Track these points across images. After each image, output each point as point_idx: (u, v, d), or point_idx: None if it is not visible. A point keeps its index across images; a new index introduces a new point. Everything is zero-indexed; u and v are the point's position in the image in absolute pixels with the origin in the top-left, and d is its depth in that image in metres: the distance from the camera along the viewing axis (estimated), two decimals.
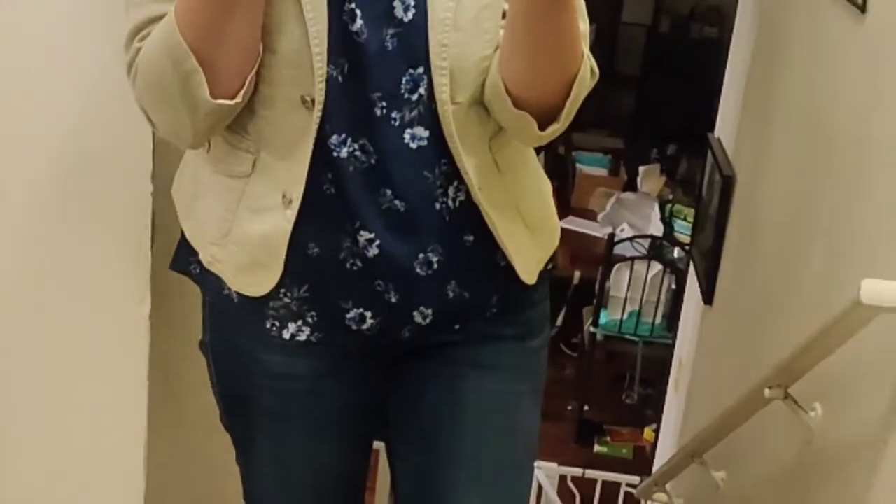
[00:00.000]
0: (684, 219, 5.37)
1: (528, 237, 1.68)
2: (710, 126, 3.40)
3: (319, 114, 1.50)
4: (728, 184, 2.93)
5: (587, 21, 1.55)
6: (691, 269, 3.55)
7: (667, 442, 3.73)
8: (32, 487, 2.07)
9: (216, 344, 1.74)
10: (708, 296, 3.10)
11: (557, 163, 6.04)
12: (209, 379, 1.78)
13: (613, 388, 5.46)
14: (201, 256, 1.67)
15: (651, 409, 5.04)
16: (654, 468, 3.74)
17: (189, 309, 2.06)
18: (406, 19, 1.49)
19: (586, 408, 5.23)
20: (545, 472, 3.97)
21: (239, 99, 1.45)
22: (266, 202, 1.56)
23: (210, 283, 1.68)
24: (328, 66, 1.49)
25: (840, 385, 1.75)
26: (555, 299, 5.76)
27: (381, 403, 1.78)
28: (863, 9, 1.91)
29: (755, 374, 1.95)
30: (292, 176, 1.53)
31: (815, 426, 1.79)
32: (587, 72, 1.50)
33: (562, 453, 4.57)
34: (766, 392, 1.82)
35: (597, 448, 5.14)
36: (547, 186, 1.79)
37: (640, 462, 4.77)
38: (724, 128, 3.19)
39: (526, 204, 1.67)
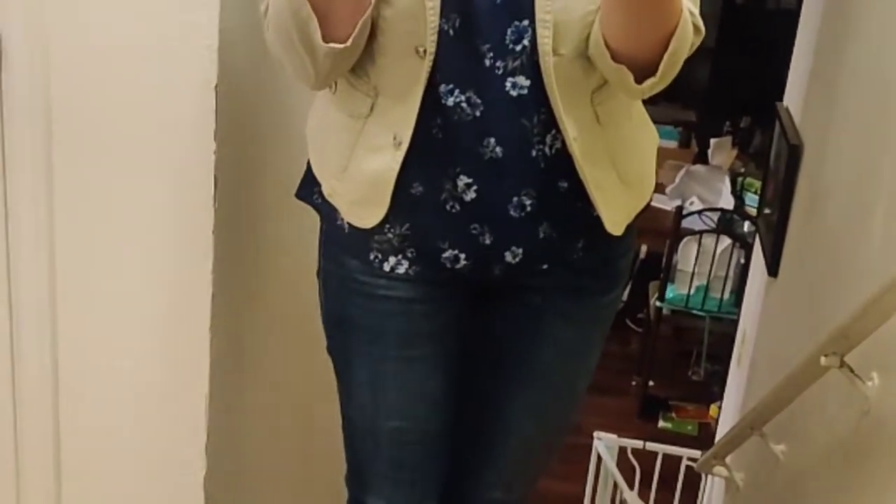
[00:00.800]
0: (755, 192, 5.28)
1: (620, 189, 1.76)
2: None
3: (430, 63, 1.61)
4: (795, 153, 2.87)
5: None
6: (757, 241, 3.49)
7: (728, 417, 3.68)
8: (95, 442, 2.11)
9: (327, 269, 1.89)
10: (773, 267, 3.04)
11: None
12: (319, 307, 1.92)
13: (679, 364, 5.41)
14: (323, 188, 1.83)
15: (717, 386, 4.97)
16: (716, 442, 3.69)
17: (251, 268, 2.10)
18: None
19: (651, 383, 5.18)
20: (605, 444, 3.95)
21: (349, 43, 1.56)
22: (379, 141, 1.70)
23: (327, 212, 1.84)
24: (440, 19, 1.59)
25: None
26: None
27: (471, 334, 1.92)
28: None
29: (816, 345, 1.90)
30: (403, 119, 1.66)
31: (872, 396, 1.74)
32: (687, 28, 1.54)
33: (625, 428, 4.53)
34: (822, 360, 1.77)
35: (661, 423, 5.09)
36: (651, 140, 1.90)
37: (706, 438, 4.71)
38: (793, 96, 3.14)
39: (623, 157, 1.76)
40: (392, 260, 1.79)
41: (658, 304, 5.05)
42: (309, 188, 1.87)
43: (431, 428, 1.94)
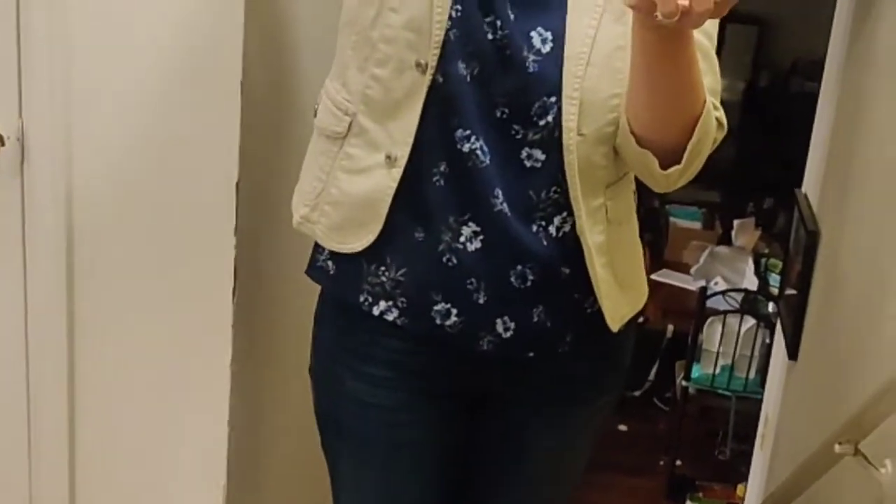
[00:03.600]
0: (779, 273, 5.30)
1: (616, 289, 1.76)
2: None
3: (430, 78, 1.60)
4: (813, 239, 2.91)
5: (718, 76, 1.64)
6: (778, 324, 3.52)
7: (753, 499, 3.68)
8: (117, 470, 2.12)
9: (317, 369, 1.89)
10: (793, 351, 3.07)
11: (651, 216, 6.03)
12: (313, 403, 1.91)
13: (706, 444, 5.39)
14: (294, 219, 1.80)
15: (744, 466, 4.93)
16: None
17: (271, 300, 2.12)
18: (544, 50, 1.60)
19: (678, 463, 5.17)
20: None
21: None
22: (365, 163, 1.67)
23: (314, 266, 1.79)
24: (461, 62, 1.59)
25: None
26: (648, 353, 5.70)
27: (455, 445, 1.90)
28: None
29: (831, 432, 1.94)
30: (398, 137, 1.63)
31: (885, 483, 1.77)
32: (711, 119, 1.58)
33: None
34: (837, 447, 1.81)
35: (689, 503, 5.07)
36: (639, 249, 1.88)
37: None
38: (811, 183, 3.18)
39: (621, 258, 1.76)
40: (382, 304, 1.74)
41: (684, 383, 5.06)
42: (311, 261, 1.85)
43: None
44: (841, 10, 2.96)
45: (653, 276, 1.84)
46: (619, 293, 1.76)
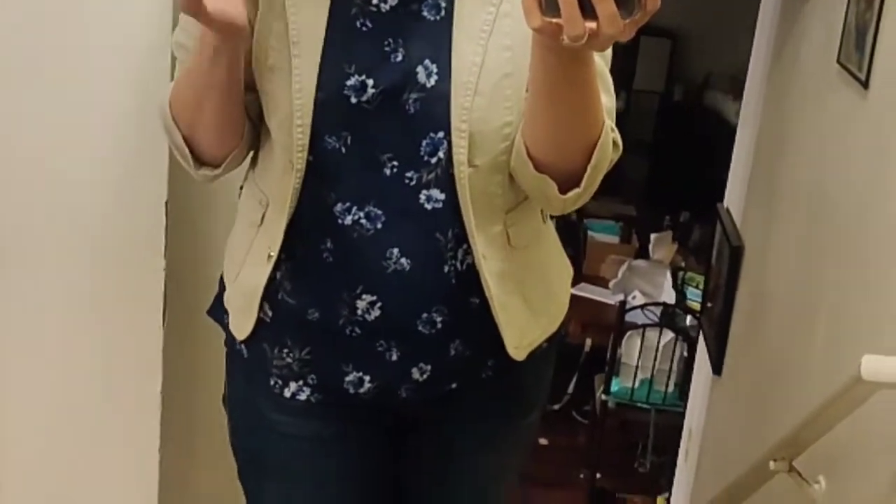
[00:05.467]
0: (697, 286, 5.36)
1: (526, 314, 1.71)
2: (724, 194, 3.41)
3: (299, 181, 1.57)
4: (736, 254, 2.94)
5: (613, 95, 1.60)
6: (701, 338, 3.55)
7: None
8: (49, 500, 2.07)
9: (232, 398, 1.80)
10: (717, 366, 3.10)
11: (569, 230, 6.06)
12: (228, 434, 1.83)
13: (626, 457, 5.42)
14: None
15: (664, 478, 5.00)
16: None
17: (201, 384, 2.09)
18: (429, 84, 1.55)
19: (598, 475, 5.19)
20: None
21: (219, 171, 1.61)
22: (261, 255, 1.65)
23: (230, 334, 1.75)
24: (329, 137, 1.55)
25: (844, 458, 1.76)
26: (566, 367, 5.71)
27: (384, 472, 1.83)
28: (865, 85, 1.94)
29: (762, 446, 1.95)
30: (275, 234, 1.62)
31: (818, 499, 1.79)
32: (608, 141, 1.53)
33: None
34: (771, 464, 1.83)
35: None
36: (562, 270, 1.83)
37: None
38: (733, 198, 3.22)
39: (531, 282, 1.71)
40: (293, 385, 1.70)
41: (603, 396, 5.09)
42: (220, 307, 1.79)
43: None
44: (763, 25, 3.01)
45: (571, 291, 1.80)
46: (529, 319, 1.72)
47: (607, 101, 1.54)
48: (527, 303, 1.69)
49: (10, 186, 1.88)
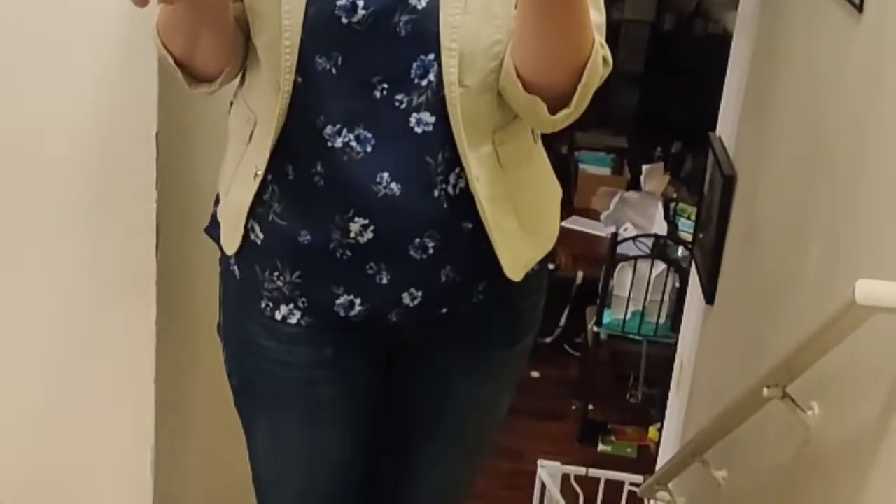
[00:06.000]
0: (688, 217, 5.35)
1: (520, 235, 1.71)
2: (716, 124, 3.38)
3: (286, 101, 1.56)
4: (729, 183, 2.92)
5: (603, 12, 1.59)
6: (693, 268, 3.54)
7: (669, 441, 3.73)
8: (44, 488, 2.08)
9: (227, 326, 1.82)
10: (709, 295, 3.09)
11: (560, 163, 6.04)
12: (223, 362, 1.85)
13: (618, 388, 5.45)
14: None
15: (655, 409, 5.03)
16: (658, 467, 3.74)
17: (194, 315, 2.09)
18: (420, 6, 1.53)
19: (591, 407, 5.22)
20: (548, 471, 3.97)
21: (216, 87, 1.62)
22: (249, 173, 1.65)
23: (224, 253, 1.76)
24: (319, 58, 1.54)
25: (837, 384, 1.75)
26: (558, 299, 5.71)
27: (376, 400, 1.85)
28: (860, 8, 1.91)
29: (755, 374, 1.95)
30: (262, 153, 1.61)
31: (812, 425, 1.79)
32: (599, 59, 1.52)
33: (566, 452, 4.58)
34: (765, 391, 1.82)
35: (601, 447, 5.12)
36: (553, 191, 1.84)
37: (645, 461, 4.75)
38: (726, 127, 3.19)
39: (523, 202, 1.70)
40: (284, 308, 1.71)
41: (595, 329, 5.10)
42: (216, 223, 1.80)
43: (337, 493, 1.89)
44: None
45: (563, 224, 1.78)
46: (524, 239, 1.72)
47: (597, 16, 1.53)
48: (521, 223, 1.70)
49: None
